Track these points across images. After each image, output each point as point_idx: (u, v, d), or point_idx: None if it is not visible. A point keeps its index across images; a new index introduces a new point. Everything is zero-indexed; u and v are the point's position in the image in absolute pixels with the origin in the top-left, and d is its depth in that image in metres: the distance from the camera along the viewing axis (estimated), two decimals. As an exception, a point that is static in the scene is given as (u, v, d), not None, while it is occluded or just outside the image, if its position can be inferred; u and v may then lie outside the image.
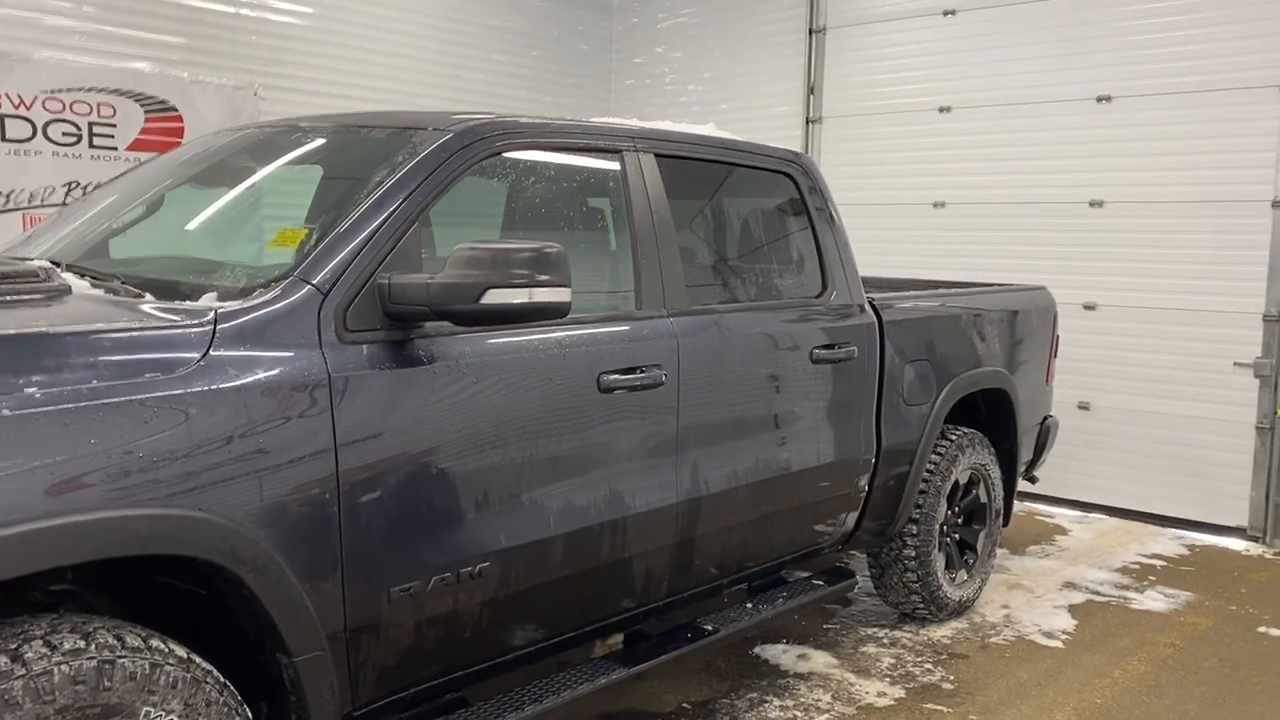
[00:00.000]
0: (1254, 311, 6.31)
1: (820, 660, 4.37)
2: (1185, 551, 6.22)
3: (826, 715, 3.88)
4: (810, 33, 8.18)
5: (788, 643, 4.53)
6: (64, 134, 6.39)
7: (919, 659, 4.44)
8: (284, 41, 7.39)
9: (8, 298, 2.38)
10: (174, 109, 6.88)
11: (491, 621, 2.84)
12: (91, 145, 6.52)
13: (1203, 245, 6.44)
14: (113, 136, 6.60)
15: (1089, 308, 6.88)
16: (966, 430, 4.80)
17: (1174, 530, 6.62)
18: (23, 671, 1.95)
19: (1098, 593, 5.40)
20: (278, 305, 2.43)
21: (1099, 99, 6.80)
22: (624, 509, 3.13)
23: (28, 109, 6.22)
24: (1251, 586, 5.56)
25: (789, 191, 4.04)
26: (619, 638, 3.46)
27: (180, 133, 6.92)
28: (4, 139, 6.16)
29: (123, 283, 2.59)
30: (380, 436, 2.50)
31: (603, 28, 9.49)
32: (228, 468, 2.23)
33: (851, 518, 4.18)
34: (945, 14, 7.44)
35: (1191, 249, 6.48)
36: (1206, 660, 4.52)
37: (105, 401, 2.08)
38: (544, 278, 2.53)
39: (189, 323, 2.31)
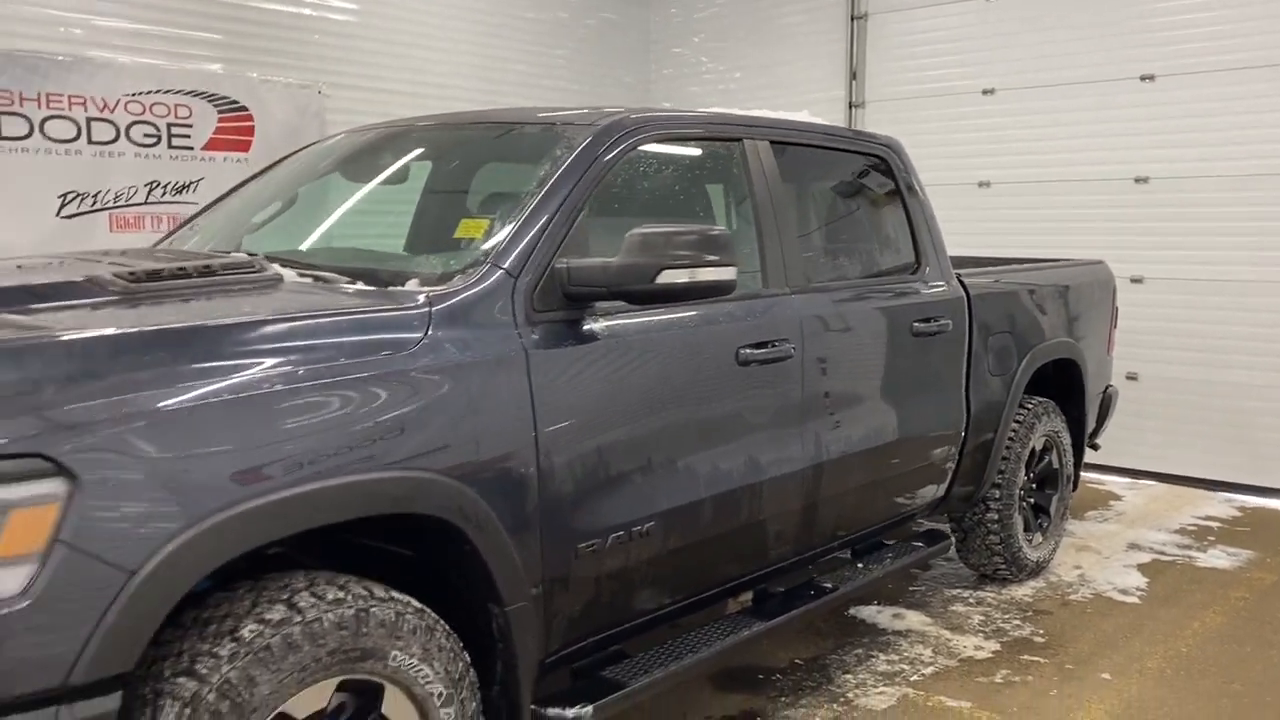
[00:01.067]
0: (1299, 280, 6.53)
1: (914, 619, 4.61)
2: (1237, 513, 6.45)
3: (931, 667, 4.12)
4: (851, 19, 8.37)
5: (879, 604, 4.76)
6: (145, 135, 6.60)
7: (1006, 616, 4.68)
8: (343, 40, 7.60)
9: (233, 286, 2.60)
10: (245, 108, 7.09)
11: (652, 578, 3.07)
12: (170, 145, 6.73)
13: (1246, 218, 6.65)
14: (189, 136, 6.81)
15: (1136, 280, 7.10)
16: (1041, 399, 5.03)
17: (1223, 494, 6.85)
18: (299, 619, 2.18)
19: (1162, 553, 5.63)
20: (477, 289, 2.65)
21: (1142, 78, 7.00)
22: (760, 474, 3.36)
23: (111, 111, 6.44)
24: (1308, 544, 5.80)
25: (884, 174, 4.26)
26: (749, 595, 3.70)
27: (251, 131, 7.14)
28: (90, 141, 6.37)
29: (328, 272, 2.81)
30: (566, 406, 2.73)
31: (641, 18, 9.68)
32: (452, 435, 2.46)
33: (944, 483, 4.41)
34: (987, -2, 7.64)
35: (1236, 221, 6.70)
36: (1278, 611, 4.75)
37: (354, 376, 2.31)
38: (711, 258, 2.75)
39: (410, 306, 2.53)
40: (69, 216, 6.32)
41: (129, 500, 1.93)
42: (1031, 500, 5.11)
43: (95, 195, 6.40)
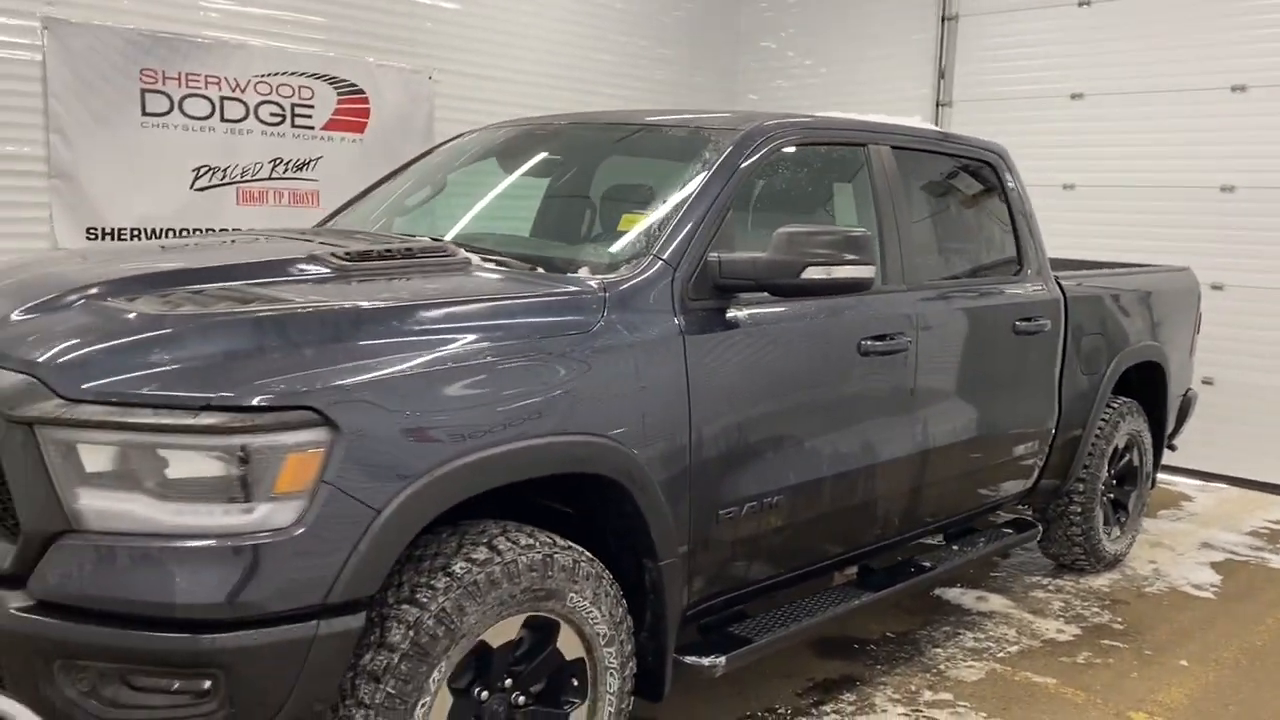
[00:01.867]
0: (1381, 293, 6.66)
1: (997, 602, 4.87)
2: (1309, 519, 6.61)
3: (1016, 646, 4.38)
4: (942, 20, 8.56)
5: (963, 587, 5.03)
6: (271, 114, 7.00)
7: (1085, 603, 4.92)
8: (452, 28, 7.92)
9: (431, 267, 2.94)
10: (362, 91, 7.46)
11: (776, 545, 3.37)
12: (293, 125, 7.12)
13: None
14: (310, 117, 7.20)
15: (1216, 288, 7.23)
16: (1126, 399, 5.25)
17: (1296, 499, 7.00)
18: (499, 559, 2.51)
19: (1235, 552, 5.83)
20: (642, 277, 2.96)
21: (1234, 88, 7.14)
22: (874, 457, 3.64)
23: (241, 92, 6.84)
24: (1379, 551, 5.97)
25: (990, 178, 4.51)
26: (853, 570, 3.99)
27: (366, 114, 7.52)
28: (222, 119, 6.78)
29: (507, 258, 3.13)
30: (713, 385, 3.03)
31: (730, 10, 9.92)
32: (624, 406, 2.77)
33: (1033, 475, 4.66)
34: (1080, 4, 7.79)
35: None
36: (1350, 612, 4.96)
37: (549, 351, 2.64)
38: (852, 257, 3.03)
39: (588, 291, 2.85)
40: (201, 189, 6.74)
41: (378, 449, 2.27)
42: (1112, 496, 5.33)
43: (225, 170, 6.81)
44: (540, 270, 3.05)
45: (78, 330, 2.31)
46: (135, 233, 6.46)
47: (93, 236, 6.30)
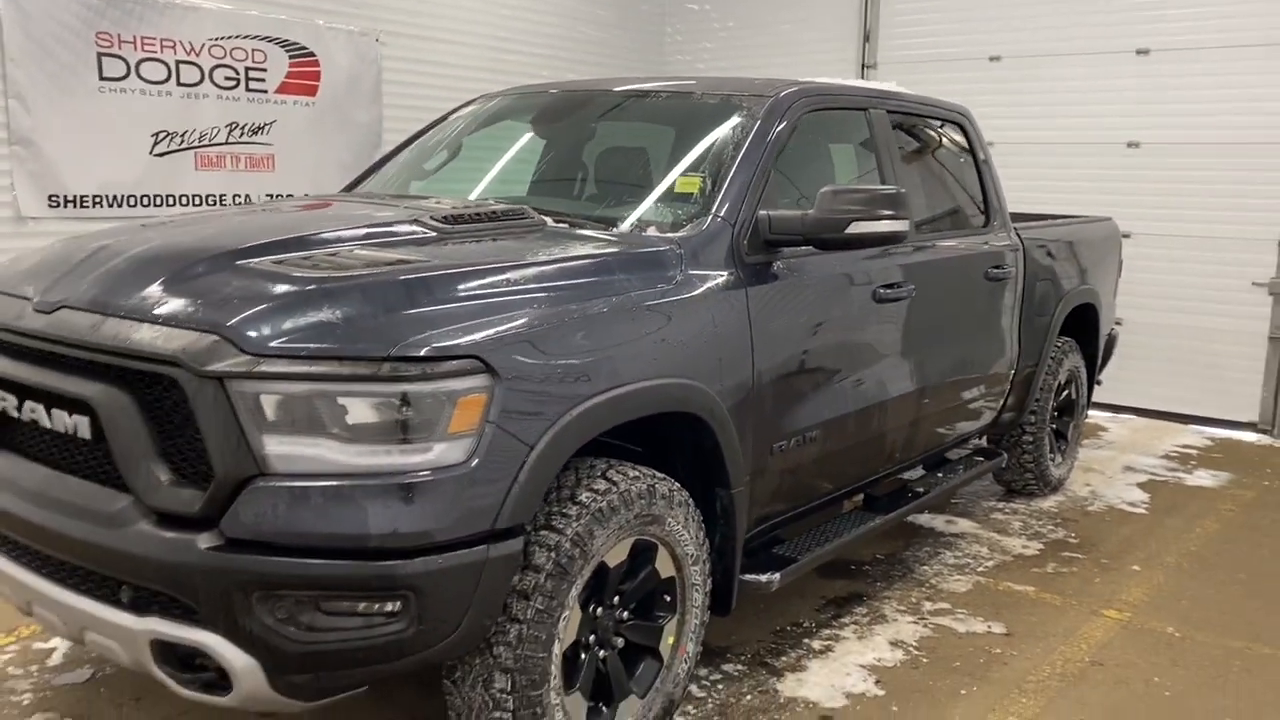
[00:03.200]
0: (1270, 238, 7.39)
1: (965, 524, 5.37)
2: (1209, 443, 7.35)
3: (991, 561, 4.88)
4: (866, -17, 8.98)
5: (931, 513, 5.52)
6: (225, 78, 6.99)
7: (1040, 522, 5.46)
8: (398, -10, 7.96)
9: (516, 228, 3.18)
10: (312, 54, 7.49)
11: (812, 475, 3.75)
12: (247, 89, 7.13)
13: (1224, 180, 7.48)
14: (264, 80, 7.22)
15: (1125, 236, 7.85)
16: (1066, 338, 5.79)
17: (1194, 426, 7.75)
18: (615, 489, 2.80)
19: (1155, 474, 6.49)
20: (707, 234, 3.27)
21: (1138, 51, 7.76)
22: (885, 394, 4.04)
23: (196, 55, 6.81)
24: (1275, 467, 6.71)
25: (960, 137, 4.93)
26: (859, 498, 4.40)
27: (318, 76, 7.55)
28: (178, 83, 6.76)
29: (575, 218, 3.39)
30: (769, 332, 3.36)
31: (656, -26, 10.17)
32: (705, 351, 3.09)
33: (998, 408, 5.15)
34: (996, -29, 8.30)
35: (1216, 184, 7.53)
36: (1261, 519, 5.63)
37: (647, 303, 2.93)
38: (890, 212, 3.38)
39: (666, 248, 3.14)
40: (160, 155, 6.73)
41: (528, 392, 2.53)
42: (1054, 426, 5.88)
43: (183, 135, 6.80)
44: (614, 230, 3.31)
45: (250, 291, 2.49)
46: (97, 200, 6.43)
47: (55, 204, 6.25)
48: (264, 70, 7.17)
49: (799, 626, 4.08)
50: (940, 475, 4.80)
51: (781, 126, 3.65)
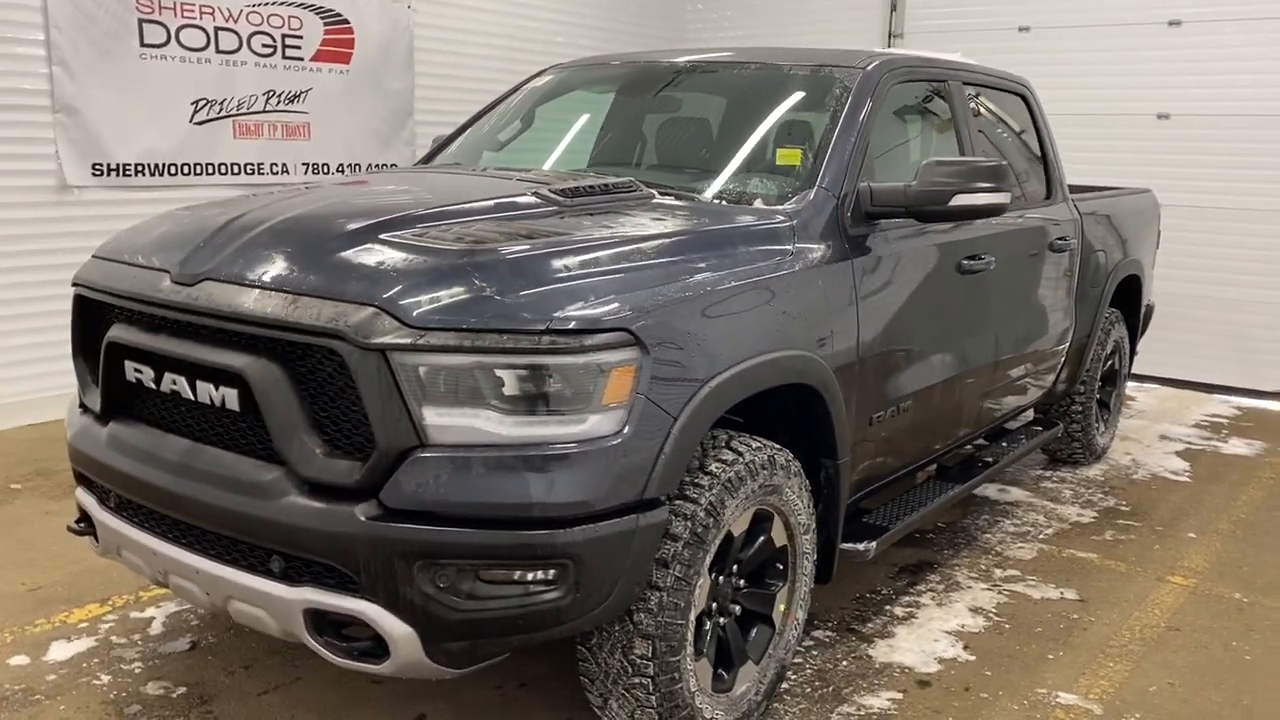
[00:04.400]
0: (1299, 210, 7.49)
1: (1017, 493, 5.45)
2: (1237, 412, 7.46)
3: (1050, 529, 4.96)
4: (893, -48, 8.96)
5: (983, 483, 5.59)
6: (263, 45, 6.94)
7: (1089, 491, 5.55)
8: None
9: (630, 202, 3.20)
10: (346, 21, 7.44)
11: (902, 445, 3.80)
12: (284, 56, 7.08)
13: (1254, 152, 7.55)
14: (300, 48, 7.17)
15: (1154, 207, 7.96)
16: (1112, 309, 5.85)
17: (1219, 395, 7.86)
18: (741, 460, 2.84)
19: (1190, 442, 6.59)
20: (814, 206, 3.29)
21: (1170, 23, 7.79)
22: (966, 364, 4.09)
23: (235, 21, 6.76)
24: (1307, 436, 6.83)
25: (1023, 110, 4.96)
26: (932, 468, 4.46)
27: (352, 44, 7.50)
28: (217, 50, 6.70)
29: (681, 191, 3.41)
30: (871, 304, 3.39)
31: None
32: (819, 323, 3.12)
33: (1055, 378, 5.21)
34: (1027, -60, 8.30)
35: (1241, 156, 7.59)
36: (1303, 487, 5.74)
37: (769, 276, 2.96)
38: (991, 185, 3.41)
39: (783, 221, 3.17)
40: (200, 123, 6.68)
41: (672, 364, 2.56)
42: (1098, 396, 5.96)
43: (222, 103, 6.76)
44: (722, 203, 3.33)
45: (405, 265, 2.51)
46: (139, 168, 6.38)
47: (98, 173, 6.21)
48: (300, 37, 7.12)
49: (878, 594, 4.15)
50: (1005, 445, 4.87)
51: (875, 97, 3.67)
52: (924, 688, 3.45)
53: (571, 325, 2.41)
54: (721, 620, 2.97)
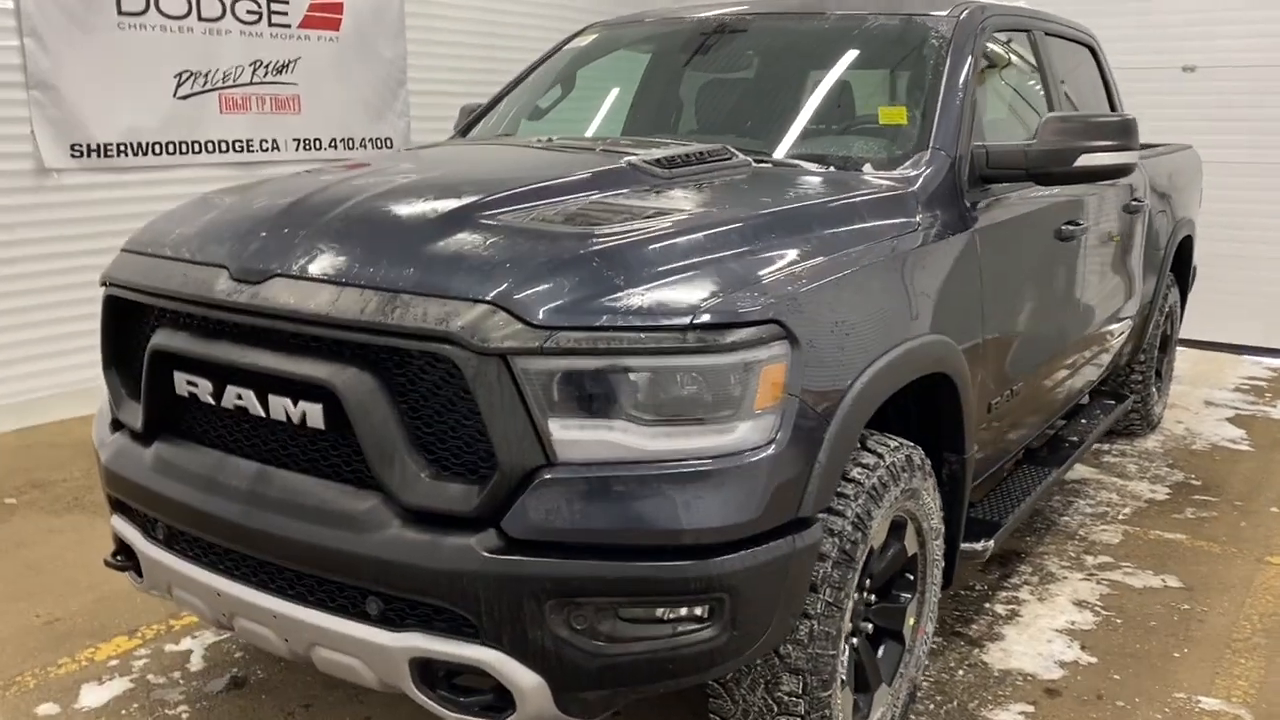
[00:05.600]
0: (1333, 163, 7.25)
1: (1083, 470, 5.17)
2: (1272, 374, 7.25)
3: (1127, 508, 4.68)
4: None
5: (1042, 458, 5.30)
6: (248, 11, 6.47)
7: (1154, 465, 5.28)
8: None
9: (728, 171, 2.83)
10: (334, -15, 6.95)
11: (1011, 431, 3.48)
12: (270, 23, 6.60)
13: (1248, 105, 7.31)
14: (286, 14, 6.70)
15: (1179, 164, 7.69)
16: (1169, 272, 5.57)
17: (1249, 356, 7.64)
18: (883, 463, 2.50)
19: (1238, 408, 6.35)
20: (932, 171, 2.94)
21: None
22: (1065, 339, 3.78)
23: (217, -13, 6.26)
24: (1351, 397, 6.63)
25: (1091, 62, 4.63)
26: (1020, 452, 4.15)
27: (340, 8, 7.04)
28: (199, 18, 6.22)
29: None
30: (991, 278, 3.06)
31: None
32: (948, 303, 2.78)
33: (1127, 345, 4.92)
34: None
35: (1268, 108, 7.34)
36: (1368, 452, 5.52)
37: (901, 252, 2.61)
38: (1120, 143, 3.08)
39: (906, 188, 2.81)
40: (184, 98, 6.23)
41: (822, 359, 2.21)
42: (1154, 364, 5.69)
43: (206, 75, 6.30)
44: (830, 169, 2.97)
45: (519, 253, 2.12)
46: (121, 148, 5.90)
47: (78, 154, 5.74)
48: (286, 2, 6.64)
49: (973, 590, 3.84)
50: (1084, 423, 4.57)
51: (975, 49, 3.32)
52: (1053, 697, 3.15)
53: (718, 318, 2.04)
54: (854, 642, 2.64)
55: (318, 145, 6.96)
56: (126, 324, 2.59)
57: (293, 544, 2.20)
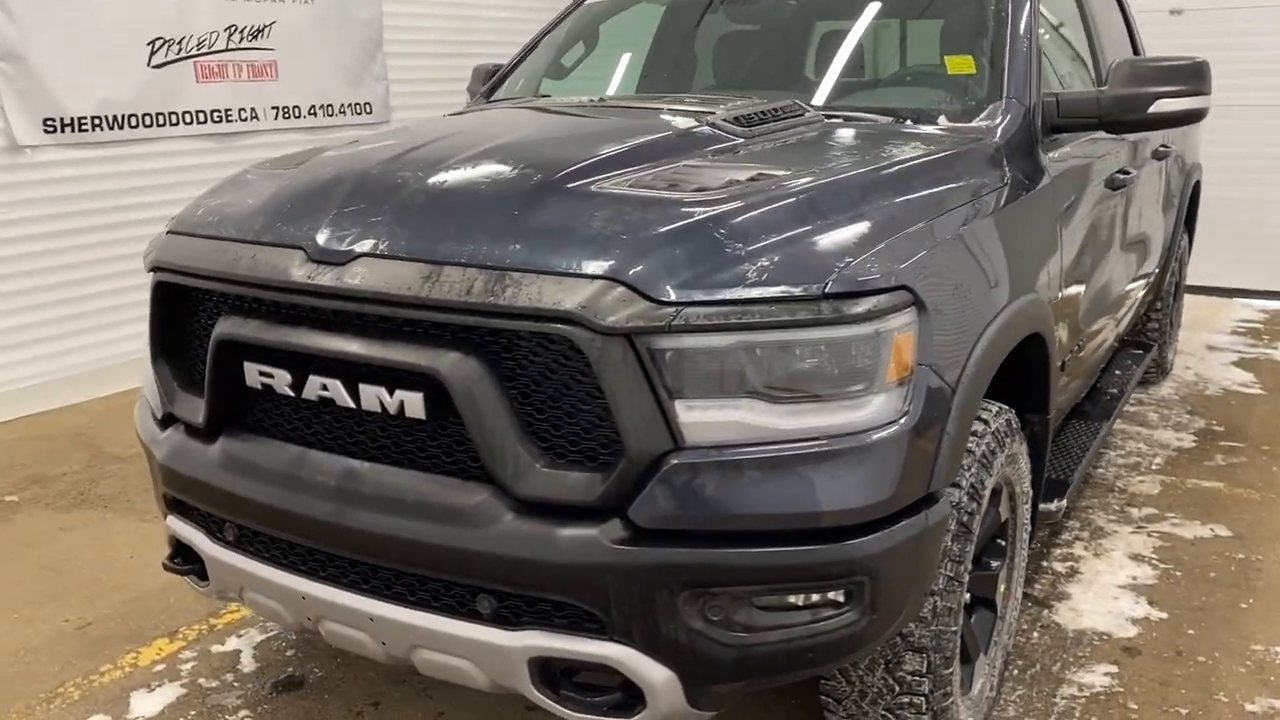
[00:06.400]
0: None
1: (1105, 420, 5.14)
2: (1265, 315, 7.29)
3: (1158, 458, 4.66)
4: None
5: (1062, 409, 5.27)
6: (221, -27, 6.14)
7: (1173, 412, 5.27)
8: None
9: (803, 127, 2.69)
10: (307, -56, 6.65)
11: (1072, 388, 3.41)
12: (244, -15, 6.29)
13: (1271, 45, 7.28)
14: (260, -25, 6.38)
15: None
16: (1179, 218, 5.54)
17: (1240, 299, 7.68)
18: (988, 429, 2.40)
19: (1240, 351, 6.37)
20: (1010, 121, 2.82)
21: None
22: (1114, 292, 3.70)
23: (188, -53, 5.95)
24: (1347, 336, 6.68)
25: (1114, 3, 4.53)
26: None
27: (314, -31, 6.71)
28: (171, -21, 5.90)
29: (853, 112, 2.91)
30: (1065, 231, 2.96)
31: None
32: (1038, 258, 2.68)
33: (1148, 294, 4.88)
34: None
35: (1257, 50, 7.32)
36: (1378, 392, 5.56)
37: (1001, 209, 2.50)
38: (1193, 87, 2.98)
39: (992, 141, 2.69)
40: (159, 66, 5.95)
41: (945, 325, 2.09)
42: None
43: (180, 42, 6.00)
44: (908, 123, 2.85)
45: (629, 223, 1.97)
46: (96, 122, 5.61)
47: (51, 129, 5.45)
48: (259, -37, 6.34)
49: (1029, 549, 3.78)
50: (1117, 374, 4.52)
51: (1031, -9, 3.19)
52: (1133, 656, 3.11)
53: (851, 286, 1.92)
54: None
55: (297, 113, 6.70)
56: (179, 312, 2.40)
57: (394, 542, 2.05)
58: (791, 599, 1.96)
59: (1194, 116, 3.04)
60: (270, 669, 3.06)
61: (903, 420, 1.98)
